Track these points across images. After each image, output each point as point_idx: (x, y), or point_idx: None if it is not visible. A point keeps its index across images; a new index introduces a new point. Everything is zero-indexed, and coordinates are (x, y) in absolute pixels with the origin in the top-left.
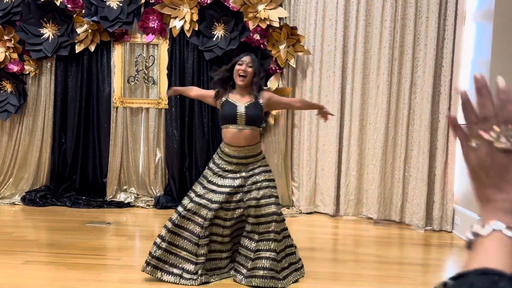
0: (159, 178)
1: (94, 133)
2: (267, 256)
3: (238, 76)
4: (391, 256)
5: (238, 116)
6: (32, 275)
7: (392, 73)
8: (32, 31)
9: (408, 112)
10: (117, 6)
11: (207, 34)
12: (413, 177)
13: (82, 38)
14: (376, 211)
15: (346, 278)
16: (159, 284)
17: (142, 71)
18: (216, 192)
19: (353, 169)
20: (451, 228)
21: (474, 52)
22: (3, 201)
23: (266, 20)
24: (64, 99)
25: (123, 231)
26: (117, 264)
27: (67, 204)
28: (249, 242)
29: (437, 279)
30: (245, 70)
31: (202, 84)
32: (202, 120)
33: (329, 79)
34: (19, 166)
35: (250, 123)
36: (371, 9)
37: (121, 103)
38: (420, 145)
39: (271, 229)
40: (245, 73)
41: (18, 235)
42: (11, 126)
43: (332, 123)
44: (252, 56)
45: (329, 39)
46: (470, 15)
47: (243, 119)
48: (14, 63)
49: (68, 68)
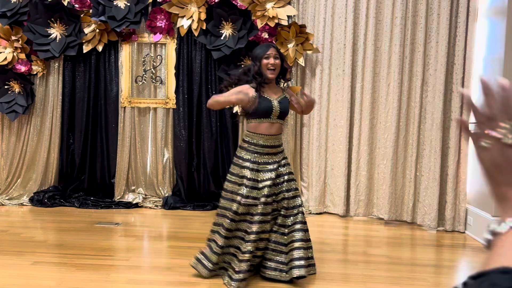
0: (167, 178)
1: (102, 133)
2: (299, 246)
3: (267, 70)
4: (403, 257)
5: (273, 110)
6: (40, 276)
7: (403, 71)
8: (40, 31)
9: (420, 110)
10: (124, 6)
11: (215, 33)
12: (425, 177)
13: (90, 38)
14: (387, 211)
15: (357, 279)
16: (167, 285)
17: (150, 71)
18: (259, 188)
19: (363, 169)
20: (464, 228)
21: (486, 49)
22: (11, 202)
23: (274, 18)
24: (72, 99)
25: (132, 231)
26: (126, 264)
27: (75, 204)
28: (280, 236)
29: (450, 281)
30: (274, 63)
31: (210, 83)
32: (210, 120)
33: (338, 77)
34: (27, 166)
35: (281, 117)
36: (381, 6)
37: (129, 103)
38: (432, 144)
39: (298, 220)
40: (274, 66)
41: (27, 236)
42: (19, 126)
43: (342, 122)
44: (273, 45)
45: (339, 37)
46: (483, 12)
47: (277, 113)
48: (21, 63)
49: (75, 68)
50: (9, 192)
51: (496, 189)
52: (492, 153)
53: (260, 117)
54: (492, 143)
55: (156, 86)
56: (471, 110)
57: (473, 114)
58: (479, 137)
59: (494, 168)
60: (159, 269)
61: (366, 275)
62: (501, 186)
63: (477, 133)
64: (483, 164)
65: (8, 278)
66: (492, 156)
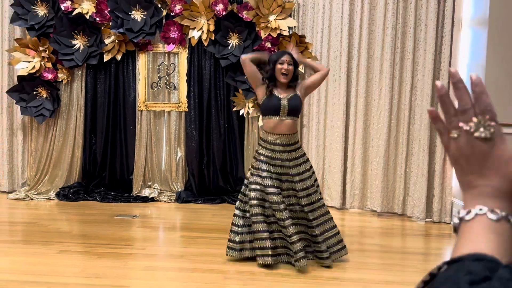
0: (180, 175)
1: (121, 135)
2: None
3: (281, 74)
4: (394, 245)
5: (282, 107)
6: (66, 263)
7: (393, 76)
8: (65, 42)
9: (409, 112)
10: (141, 19)
11: (223, 43)
12: (414, 173)
13: (110, 48)
14: (379, 204)
15: (352, 266)
16: (180, 271)
17: (164, 78)
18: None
19: (358, 166)
20: (450, 219)
21: (470, 57)
22: (40, 196)
23: (276, 29)
24: (94, 103)
25: (148, 223)
26: (143, 253)
27: (97, 199)
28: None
29: None
30: (287, 69)
31: (218, 88)
32: (219, 122)
33: (335, 83)
34: (54, 164)
35: (291, 113)
36: (373, 18)
37: (145, 107)
38: (420, 143)
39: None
40: (287, 71)
41: (53, 227)
42: (46, 128)
43: (338, 123)
44: (290, 54)
45: (335, 46)
46: (466, 22)
47: (285, 110)
48: (48, 71)
49: (97, 75)
50: (38, 188)
51: (463, 178)
52: (460, 143)
53: (268, 113)
54: (461, 134)
55: (169, 91)
56: (444, 102)
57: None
58: (450, 128)
59: (462, 158)
60: (173, 257)
61: (360, 262)
62: (468, 175)
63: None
64: (450, 153)
65: (37, 266)
66: (459, 146)
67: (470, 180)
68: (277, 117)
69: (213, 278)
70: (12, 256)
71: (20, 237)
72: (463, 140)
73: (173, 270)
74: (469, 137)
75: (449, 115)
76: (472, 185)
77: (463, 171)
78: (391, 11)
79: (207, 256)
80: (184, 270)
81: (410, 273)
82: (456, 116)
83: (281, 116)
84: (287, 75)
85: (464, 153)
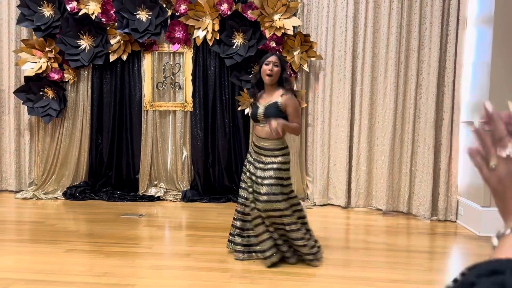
0: (186, 174)
1: (127, 134)
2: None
3: (265, 75)
4: (399, 244)
5: (258, 115)
6: (73, 262)
7: (398, 75)
8: (71, 43)
9: (414, 111)
10: (146, 19)
11: (228, 42)
12: (419, 171)
13: (115, 48)
14: (385, 203)
15: (357, 265)
16: (186, 269)
17: (169, 77)
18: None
19: (363, 164)
20: (455, 218)
21: (475, 55)
22: (47, 196)
23: (281, 28)
24: (100, 103)
25: (154, 222)
26: (149, 252)
27: (103, 198)
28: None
29: (442, 265)
30: (272, 69)
31: (223, 88)
32: (224, 122)
33: (340, 81)
34: (61, 164)
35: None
36: (378, 16)
37: (150, 107)
38: (426, 141)
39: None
40: (271, 72)
41: (60, 226)
42: (53, 128)
43: (343, 122)
44: (277, 55)
45: (340, 45)
46: (471, 20)
47: (262, 118)
48: (55, 71)
49: (103, 75)
50: (45, 187)
51: (503, 204)
52: (499, 171)
53: (253, 120)
54: (499, 162)
55: (175, 91)
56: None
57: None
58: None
59: (500, 185)
60: (179, 255)
61: (365, 261)
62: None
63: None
64: (491, 184)
65: (44, 264)
66: (499, 174)
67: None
68: (258, 123)
69: (219, 277)
70: (19, 255)
71: (28, 236)
72: (502, 167)
73: (179, 269)
74: (508, 163)
75: (486, 148)
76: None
77: (503, 199)
78: (396, 9)
79: (213, 254)
80: (190, 268)
81: (415, 272)
82: (492, 146)
83: (260, 123)
84: (271, 76)
85: (503, 180)
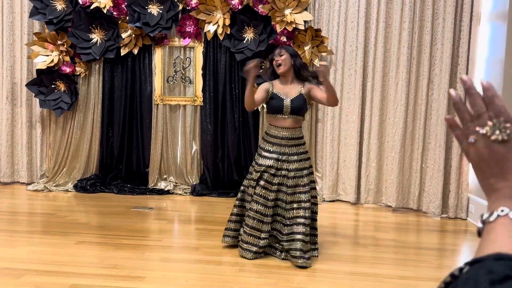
0: (195, 168)
1: (138, 128)
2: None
3: (276, 67)
4: (409, 241)
5: (285, 108)
6: (83, 254)
7: (410, 71)
8: (82, 36)
9: (426, 107)
10: (157, 13)
11: (238, 37)
12: (430, 168)
13: (127, 42)
14: (394, 199)
15: (366, 261)
16: (195, 263)
17: (180, 72)
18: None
19: (373, 161)
20: (466, 215)
21: (488, 51)
22: (58, 188)
23: (292, 23)
24: (111, 97)
25: (164, 215)
26: (159, 244)
27: (114, 191)
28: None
29: (452, 263)
30: (278, 60)
31: (233, 82)
32: (233, 116)
33: (350, 77)
34: (72, 157)
35: (294, 113)
36: (390, 11)
37: (161, 101)
38: (437, 138)
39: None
40: (280, 61)
41: (71, 219)
42: (64, 121)
43: (354, 117)
44: (284, 47)
45: (351, 40)
46: (485, 16)
47: (288, 110)
48: (66, 65)
49: (114, 69)
50: (56, 180)
51: (484, 181)
52: (478, 148)
53: (273, 112)
54: (478, 138)
55: (185, 85)
56: (458, 108)
57: (458, 112)
58: (467, 134)
59: (482, 162)
60: (188, 249)
61: (375, 257)
62: (489, 179)
63: (464, 130)
64: (470, 158)
65: (55, 256)
66: (478, 150)
67: (491, 183)
68: (281, 115)
69: (228, 270)
70: (31, 246)
71: (39, 227)
72: (481, 144)
73: (189, 262)
74: (487, 140)
75: (465, 121)
76: (494, 188)
77: (484, 175)
78: (408, 4)
79: (222, 248)
80: (199, 262)
81: (424, 269)
82: (472, 121)
83: (284, 115)
84: (280, 66)
85: (484, 157)
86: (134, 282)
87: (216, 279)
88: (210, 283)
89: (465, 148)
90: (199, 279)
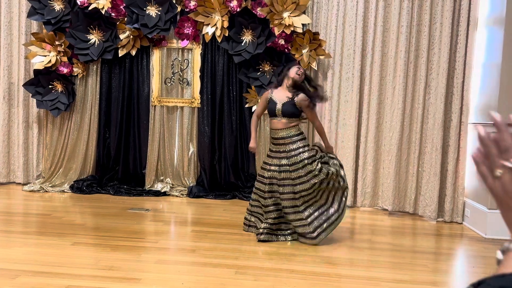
0: (192, 170)
1: (135, 129)
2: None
3: (296, 74)
4: (405, 244)
5: (277, 111)
6: (79, 255)
7: (407, 75)
8: (80, 37)
9: (423, 111)
10: (155, 15)
11: (236, 39)
12: (426, 172)
13: (125, 43)
14: (391, 203)
15: (362, 264)
16: (192, 265)
17: (178, 73)
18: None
19: (370, 164)
20: (462, 219)
21: (485, 56)
22: (54, 189)
23: (290, 26)
24: (108, 98)
25: (160, 217)
26: (155, 246)
27: (110, 192)
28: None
29: (448, 267)
30: (302, 73)
31: (231, 84)
32: (231, 118)
33: (348, 80)
34: (68, 158)
35: (285, 115)
36: (388, 16)
37: (158, 102)
38: (433, 142)
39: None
40: (301, 74)
41: (67, 220)
42: (61, 122)
43: (351, 121)
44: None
45: (349, 43)
46: (482, 21)
47: (280, 113)
48: (64, 65)
49: (112, 70)
50: (52, 180)
51: (507, 213)
52: (504, 181)
53: (270, 115)
54: (505, 172)
55: (183, 87)
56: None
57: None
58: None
59: (506, 195)
60: (184, 251)
61: (371, 260)
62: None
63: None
64: (495, 193)
65: (51, 257)
66: (503, 184)
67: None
68: (274, 117)
69: (225, 273)
70: (26, 247)
71: (34, 228)
72: (507, 178)
73: (185, 264)
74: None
75: (492, 156)
76: None
77: (508, 209)
78: (406, 9)
79: (218, 250)
80: (196, 264)
81: (420, 272)
82: (498, 156)
83: (277, 117)
84: (300, 76)
85: (508, 190)
86: (130, 284)
87: (212, 282)
88: (206, 286)
89: (491, 184)
90: (195, 281)
